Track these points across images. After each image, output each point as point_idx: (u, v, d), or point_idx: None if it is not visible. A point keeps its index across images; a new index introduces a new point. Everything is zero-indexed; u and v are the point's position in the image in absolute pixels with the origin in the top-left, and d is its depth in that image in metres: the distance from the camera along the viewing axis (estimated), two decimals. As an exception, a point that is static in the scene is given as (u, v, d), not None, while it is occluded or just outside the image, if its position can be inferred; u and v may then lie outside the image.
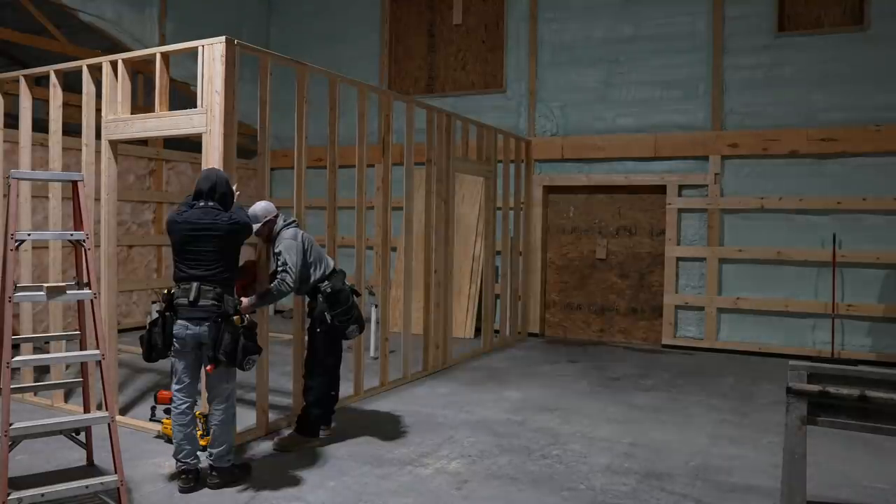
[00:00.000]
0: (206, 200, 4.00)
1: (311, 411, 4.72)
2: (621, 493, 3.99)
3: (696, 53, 8.61)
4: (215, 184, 4.05)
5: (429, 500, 3.86)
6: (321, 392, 4.75)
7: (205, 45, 4.63)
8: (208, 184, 4.04)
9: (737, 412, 5.74)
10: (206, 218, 3.94)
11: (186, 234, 3.92)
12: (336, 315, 4.63)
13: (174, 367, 4.00)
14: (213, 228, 3.92)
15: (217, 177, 4.10)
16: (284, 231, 4.59)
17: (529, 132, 9.50)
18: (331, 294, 4.63)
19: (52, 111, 5.45)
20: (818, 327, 8.00)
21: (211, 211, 3.97)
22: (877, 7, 7.82)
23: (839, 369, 3.46)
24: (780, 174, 8.21)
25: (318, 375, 4.72)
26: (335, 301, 4.64)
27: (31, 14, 8.09)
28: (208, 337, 3.84)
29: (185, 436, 3.97)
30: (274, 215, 4.64)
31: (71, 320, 7.98)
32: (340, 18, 10.81)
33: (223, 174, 4.21)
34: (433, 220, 7.15)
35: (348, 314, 4.69)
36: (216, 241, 3.93)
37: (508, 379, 6.84)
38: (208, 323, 3.85)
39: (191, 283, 3.86)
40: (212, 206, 3.99)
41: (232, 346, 3.82)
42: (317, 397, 4.72)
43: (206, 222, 3.92)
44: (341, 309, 4.64)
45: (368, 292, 8.32)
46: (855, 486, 4.16)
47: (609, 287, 9.25)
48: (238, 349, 3.83)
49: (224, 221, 3.96)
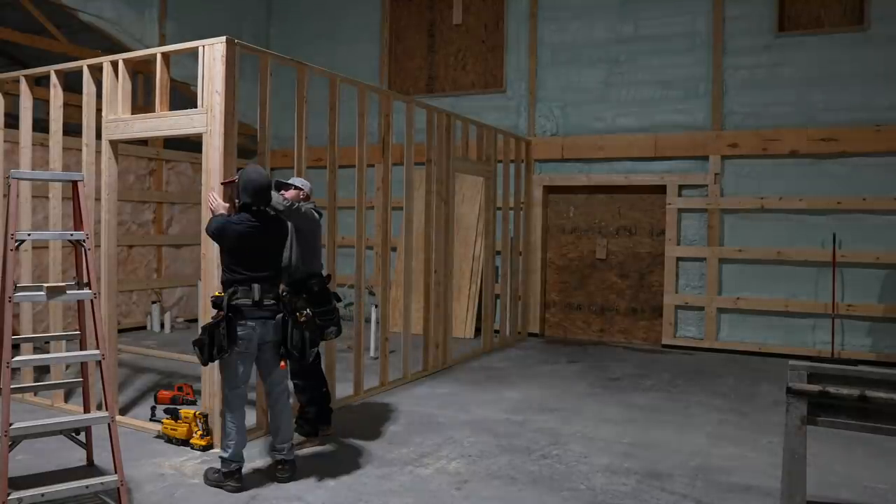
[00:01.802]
0: (261, 205, 4.08)
1: (308, 410, 4.82)
2: (621, 493, 3.99)
3: (696, 53, 8.61)
4: (262, 186, 4.09)
5: (429, 500, 3.86)
6: (313, 390, 4.82)
7: (205, 45, 4.63)
8: (261, 189, 4.08)
9: (737, 412, 5.75)
10: (272, 226, 4.10)
11: (253, 238, 4.00)
12: (318, 314, 4.59)
13: (232, 370, 3.99)
14: (278, 233, 4.15)
15: (265, 178, 4.14)
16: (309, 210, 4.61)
17: (529, 132, 9.50)
18: (318, 293, 4.60)
19: (52, 111, 5.45)
20: (818, 327, 8.00)
21: (271, 217, 4.14)
22: (877, 7, 7.82)
23: (839, 369, 3.46)
24: (780, 174, 8.21)
25: (303, 376, 4.75)
26: (322, 300, 4.60)
27: (32, 14, 8.09)
28: (273, 335, 3.99)
29: (244, 436, 4.05)
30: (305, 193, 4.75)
31: (71, 320, 7.99)
32: (340, 18, 10.81)
33: (254, 172, 4.18)
34: (433, 220, 7.15)
35: (330, 315, 4.66)
36: (277, 244, 4.17)
37: (508, 379, 6.84)
38: (272, 321, 3.98)
39: (252, 285, 3.94)
40: (265, 209, 4.11)
41: (301, 341, 4.00)
42: (310, 396, 4.81)
43: (274, 230, 4.11)
44: (324, 309, 4.61)
45: (368, 292, 8.32)
46: (855, 486, 4.16)
47: (609, 287, 9.25)
48: (305, 343, 4.02)
49: (285, 228, 4.23)
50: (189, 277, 10.02)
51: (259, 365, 4.16)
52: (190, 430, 4.58)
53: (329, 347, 5.41)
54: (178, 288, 10.03)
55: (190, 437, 4.57)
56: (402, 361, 6.66)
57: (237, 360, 3.96)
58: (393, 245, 7.55)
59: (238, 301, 3.90)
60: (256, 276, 3.96)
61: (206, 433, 4.57)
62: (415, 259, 7.37)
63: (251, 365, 4.08)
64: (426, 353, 7.07)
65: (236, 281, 3.95)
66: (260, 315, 3.95)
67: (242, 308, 3.91)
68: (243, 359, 3.98)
